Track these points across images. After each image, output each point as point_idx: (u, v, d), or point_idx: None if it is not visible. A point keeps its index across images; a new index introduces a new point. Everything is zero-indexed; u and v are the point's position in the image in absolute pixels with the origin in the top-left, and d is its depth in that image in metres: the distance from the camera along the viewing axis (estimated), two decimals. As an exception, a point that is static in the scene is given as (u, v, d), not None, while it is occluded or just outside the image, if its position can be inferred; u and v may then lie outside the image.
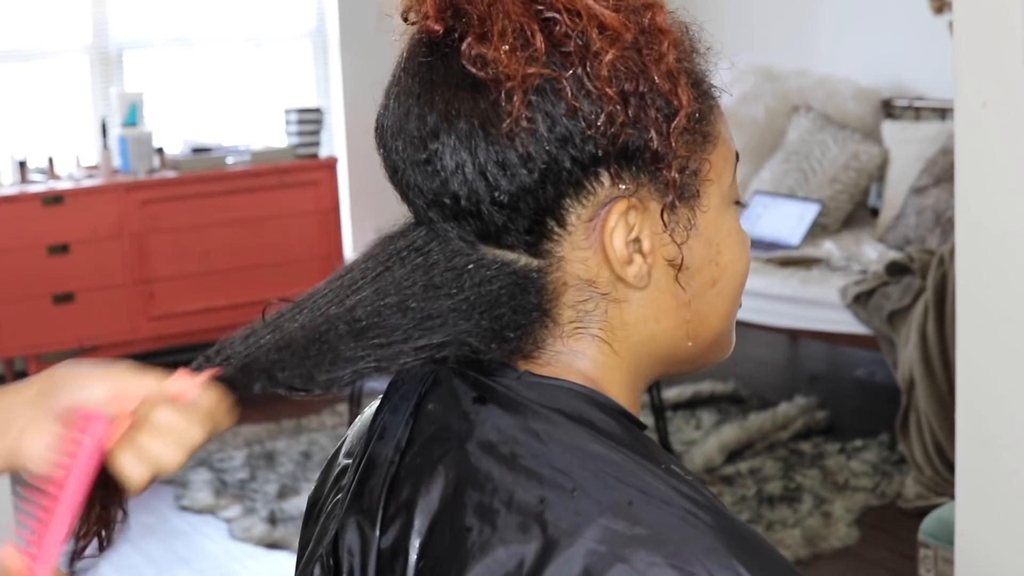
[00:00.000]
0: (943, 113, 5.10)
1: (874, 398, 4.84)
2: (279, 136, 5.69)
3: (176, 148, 5.49)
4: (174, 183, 5.24)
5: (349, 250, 5.79)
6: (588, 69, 0.82)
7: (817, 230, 5.05)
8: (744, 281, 0.92)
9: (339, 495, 0.92)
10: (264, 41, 5.89)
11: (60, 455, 0.84)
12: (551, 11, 0.83)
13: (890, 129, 5.20)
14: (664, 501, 0.80)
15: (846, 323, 4.41)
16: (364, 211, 5.83)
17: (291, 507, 4.03)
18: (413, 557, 0.85)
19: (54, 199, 4.97)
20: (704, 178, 0.87)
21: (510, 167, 0.83)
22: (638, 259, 0.86)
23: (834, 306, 4.44)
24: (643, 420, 0.90)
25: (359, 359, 0.85)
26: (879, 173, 5.17)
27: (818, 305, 4.53)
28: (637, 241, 0.86)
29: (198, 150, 5.43)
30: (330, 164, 5.58)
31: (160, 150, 5.33)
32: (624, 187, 0.85)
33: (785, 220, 5.07)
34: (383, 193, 0.93)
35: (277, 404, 4.80)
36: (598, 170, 0.84)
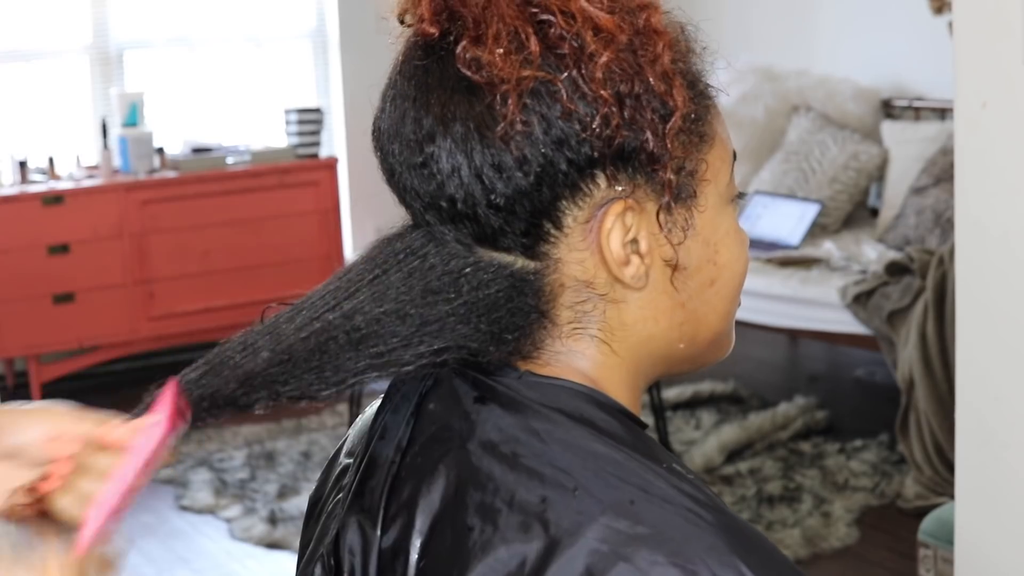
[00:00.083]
0: (943, 113, 5.09)
1: (874, 398, 4.84)
2: (279, 136, 5.69)
3: (176, 148, 5.49)
4: (174, 183, 5.24)
5: (349, 250, 5.78)
6: (583, 71, 0.82)
7: (817, 230, 5.05)
8: (743, 280, 0.92)
9: (340, 495, 0.92)
10: (264, 41, 5.88)
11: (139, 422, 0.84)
12: (546, 13, 0.83)
13: (890, 129, 5.20)
14: (666, 500, 0.80)
15: (846, 323, 4.41)
16: (364, 211, 5.83)
17: (291, 507, 4.03)
18: (414, 557, 0.84)
19: (54, 199, 4.97)
20: (701, 178, 0.87)
21: (506, 170, 0.83)
22: (635, 260, 0.86)
23: (834, 306, 4.44)
24: (643, 420, 0.90)
25: (360, 369, 0.85)
26: (879, 173, 5.17)
27: (818, 305, 4.52)
28: (634, 242, 0.85)
29: (198, 150, 5.42)
30: (330, 164, 5.57)
31: (160, 150, 5.32)
32: (620, 188, 0.85)
33: (785, 220, 5.06)
34: (383, 193, 0.93)
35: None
36: (594, 172, 0.84)
